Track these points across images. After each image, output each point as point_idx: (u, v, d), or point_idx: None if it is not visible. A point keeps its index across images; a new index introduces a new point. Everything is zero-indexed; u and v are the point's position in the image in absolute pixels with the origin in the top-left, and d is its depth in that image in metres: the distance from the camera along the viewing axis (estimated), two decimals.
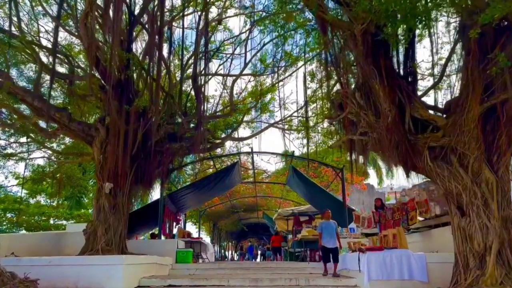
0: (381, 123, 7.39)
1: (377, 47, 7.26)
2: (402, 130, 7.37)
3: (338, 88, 9.22)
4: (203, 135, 14.02)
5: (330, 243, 10.53)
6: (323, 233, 10.61)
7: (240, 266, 13.94)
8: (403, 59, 8.56)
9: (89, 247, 11.81)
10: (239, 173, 19.18)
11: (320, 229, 10.77)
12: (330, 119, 9.77)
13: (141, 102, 11.48)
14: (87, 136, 12.64)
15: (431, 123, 7.69)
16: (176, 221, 18.90)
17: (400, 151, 7.32)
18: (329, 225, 10.68)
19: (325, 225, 10.70)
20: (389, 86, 7.10)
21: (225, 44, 17.07)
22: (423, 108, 7.77)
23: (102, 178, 12.33)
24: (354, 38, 7.18)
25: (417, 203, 10.68)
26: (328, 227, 10.65)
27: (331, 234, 10.52)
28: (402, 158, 7.45)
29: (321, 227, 10.75)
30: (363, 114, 8.29)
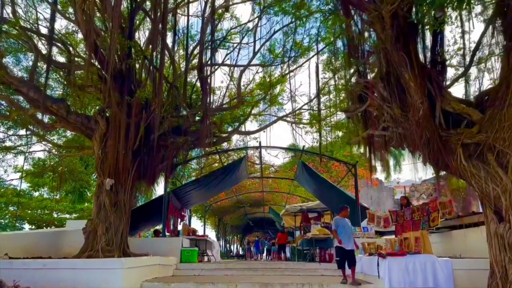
0: (411, 117, 6.60)
1: (406, 32, 6.44)
2: (433, 125, 6.56)
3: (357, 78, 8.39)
4: (209, 128, 13.26)
5: (347, 244, 8.96)
6: (338, 231, 9.01)
7: (248, 267, 13.26)
8: (431, 46, 7.73)
9: (88, 246, 11.17)
10: (246, 168, 18.45)
11: (335, 226, 9.09)
12: (347, 112, 8.95)
13: (143, 93, 10.72)
14: (87, 129, 11.93)
15: (465, 118, 6.90)
16: (181, 217, 18.23)
17: (431, 148, 6.52)
18: (346, 223, 9.19)
19: (341, 222, 9.15)
20: (420, 75, 6.28)
21: (232, 33, 16.26)
22: (455, 101, 6.95)
23: (102, 174, 11.65)
24: (381, 20, 6.38)
25: (440, 204, 9.88)
26: (344, 225, 9.12)
27: (349, 234, 9.05)
28: (433, 157, 6.65)
29: (336, 223, 9.13)
30: (387, 107, 7.51)
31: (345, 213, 9.39)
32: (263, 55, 15.93)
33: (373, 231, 14.15)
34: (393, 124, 7.45)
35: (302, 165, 16.82)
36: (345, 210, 9.46)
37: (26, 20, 13.68)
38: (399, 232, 11.55)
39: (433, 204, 10.15)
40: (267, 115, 17.35)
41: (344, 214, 9.39)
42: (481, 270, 7.90)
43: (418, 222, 10.75)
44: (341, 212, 9.48)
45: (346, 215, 9.40)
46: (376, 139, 8.86)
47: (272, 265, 13.64)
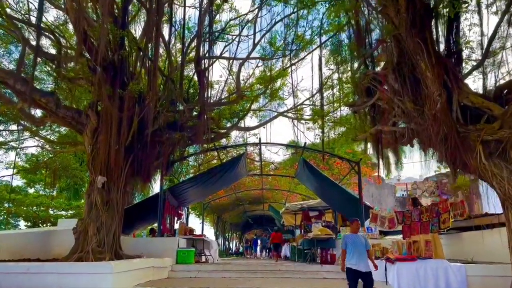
0: (426, 110, 5.99)
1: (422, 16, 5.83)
2: (451, 120, 5.96)
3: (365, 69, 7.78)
4: (207, 124, 12.66)
5: (359, 264, 7.09)
6: (348, 250, 7.25)
7: (247, 269, 12.69)
8: (445, 35, 7.11)
9: (78, 248, 10.57)
10: (245, 165, 17.84)
11: (344, 245, 7.37)
12: (353, 107, 8.34)
13: (136, 86, 10.10)
14: (78, 124, 11.33)
15: (484, 112, 6.29)
16: (178, 216, 17.64)
17: (449, 145, 5.92)
18: (357, 240, 7.33)
19: (351, 240, 7.34)
20: (438, 64, 5.67)
21: (231, 25, 15.61)
22: (473, 94, 6.34)
23: (94, 171, 11.06)
24: (395, 3, 5.77)
25: (451, 205, 9.29)
26: (355, 242, 7.28)
27: (360, 252, 7.16)
28: (450, 155, 6.05)
29: (345, 242, 7.36)
30: (398, 100, 6.91)
31: (355, 228, 7.69)
32: (263, 48, 15.31)
33: (377, 231, 13.59)
34: (405, 119, 6.86)
35: (303, 162, 16.23)
36: (355, 223, 7.72)
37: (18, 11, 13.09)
38: (407, 234, 10.98)
39: (444, 205, 9.56)
40: (267, 111, 16.77)
41: (354, 228, 7.68)
42: (498, 276, 7.35)
43: (426, 223, 10.17)
44: (351, 226, 7.86)
45: (357, 230, 7.72)
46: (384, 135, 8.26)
47: (271, 267, 13.07)
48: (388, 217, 12.03)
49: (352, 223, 7.77)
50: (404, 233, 11.34)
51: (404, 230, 11.30)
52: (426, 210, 10.30)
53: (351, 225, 7.84)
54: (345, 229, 14.21)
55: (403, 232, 11.39)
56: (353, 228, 7.69)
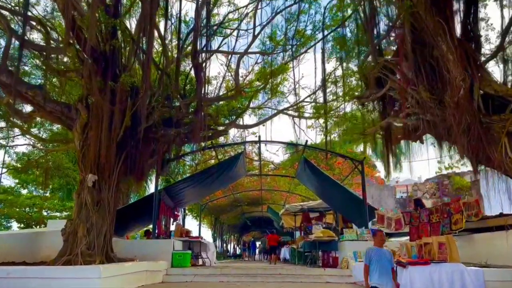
0: (447, 98, 5.41)
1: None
2: (474, 109, 5.37)
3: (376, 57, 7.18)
4: (204, 120, 12.06)
5: (386, 283, 6.11)
6: (372, 267, 6.25)
7: (246, 272, 12.08)
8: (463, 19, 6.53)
9: (67, 250, 9.94)
10: (244, 164, 17.23)
11: (367, 260, 6.33)
12: (361, 99, 7.75)
13: (129, 78, 9.47)
14: (67, 119, 10.70)
15: (509, 102, 5.70)
16: (174, 217, 17.01)
17: (471, 137, 5.33)
18: (383, 255, 6.28)
19: (376, 254, 6.28)
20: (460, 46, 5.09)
21: (230, 19, 15.01)
22: (496, 82, 5.76)
23: (84, 169, 10.45)
24: None
25: (464, 204, 8.66)
26: (380, 257, 6.24)
27: (386, 270, 6.16)
28: (472, 147, 5.47)
29: (369, 257, 6.32)
30: (412, 90, 6.32)
31: (380, 240, 6.57)
32: (263, 43, 14.73)
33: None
34: (420, 110, 6.28)
35: (304, 162, 15.63)
36: (379, 235, 6.60)
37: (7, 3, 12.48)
38: (414, 235, 10.38)
39: (456, 205, 8.95)
40: (267, 109, 16.19)
41: (379, 241, 6.56)
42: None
43: (436, 224, 9.57)
44: (375, 239, 6.70)
45: (382, 242, 6.60)
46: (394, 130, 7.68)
47: (271, 270, 12.46)
48: (395, 218, 11.42)
49: (376, 235, 6.68)
50: (411, 235, 10.74)
51: (412, 231, 10.69)
52: (436, 210, 9.69)
53: (374, 237, 6.76)
54: (348, 231, 13.62)
55: (411, 233, 10.79)
56: (377, 241, 6.58)
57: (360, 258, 12.17)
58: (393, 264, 6.39)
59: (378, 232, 6.73)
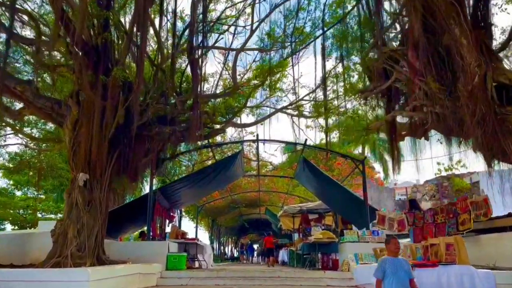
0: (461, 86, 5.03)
1: None
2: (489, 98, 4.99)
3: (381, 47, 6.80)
4: (200, 118, 11.66)
5: None
6: (386, 281, 5.40)
7: (244, 275, 11.64)
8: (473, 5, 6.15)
9: (57, 252, 9.53)
10: (241, 164, 16.83)
11: (380, 273, 5.47)
12: (364, 93, 7.37)
13: (121, 72, 9.07)
14: (58, 116, 10.31)
15: None
16: (169, 218, 16.58)
17: (486, 129, 4.95)
18: (399, 266, 5.47)
19: (391, 266, 5.44)
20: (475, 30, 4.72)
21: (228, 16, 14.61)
22: (510, 71, 5.39)
23: (75, 167, 10.04)
24: None
25: (472, 204, 8.29)
26: (396, 269, 5.42)
27: (404, 283, 5.39)
28: (486, 140, 5.08)
29: (382, 270, 5.46)
30: (419, 81, 5.93)
31: (394, 248, 5.68)
32: (261, 40, 14.36)
33: (384, 235, 12.60)
34: (428, 102, 5.89)
35: (304, 161, 15.24)
36: (393, 243, 5.72)
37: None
38: (418, 237, 10.01)
39: (462, 204, 8.58)
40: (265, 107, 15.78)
41: (393, 249, 5.67)
42: None
43: (442, 225, 9.21)
44: (388, 247, 5.81)
45: (397, 251, 5.71)
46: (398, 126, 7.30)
47: (269, 273, 12.02)
48: (397, 219, 11.05)
49: (389, 243, 5.76)
50: (415, 236, 10.37)
51: (416, 232, 10.32)
52: (442, 210, 9.32)
53: (387, 245, 5.84)
54: (348, 232, 13.22)
55: (414, 235, 10.42)
56: (391, 249, 5.68)
57: (361, 260, 11.79)
58: (411, 274, 5.55)
59: (392, 239, 5.79)
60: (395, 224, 11.18)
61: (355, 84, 8.70)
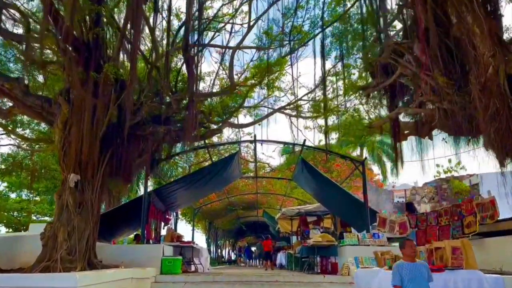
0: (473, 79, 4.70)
1: None
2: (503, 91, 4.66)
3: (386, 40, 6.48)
4: (196, 117, 11.32)
5: None
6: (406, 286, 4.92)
7: (240, 279, 11.27)
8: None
9: (46, 256, 9.17)
10: (239, 165, 16.48)
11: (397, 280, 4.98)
12: (366, 89, 7.04)
13: (112, 68, 8.72)
14: (48, 115, 9.95)
15: None
16: (165, 221, 16.21)
17: (500, 125, 4.63)
18: (417, 272, 4.96)
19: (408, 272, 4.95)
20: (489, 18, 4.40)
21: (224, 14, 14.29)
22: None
23: (65, 168, 9.69)
24: None
25: (478, 205, 7.96)
26: (415, 275, 4.93)
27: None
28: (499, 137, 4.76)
29: (398, 276, 4.98)
30: (426, 75, 5.60)
31: (411, 251, 5.14)
32: (259, 38, 14.03)
33: (385, 238, 12.27)
34: (435, 97, 5.56)
35: (302, 163, 14.90)
36: (409, 245, 5.18)
37: None
38: (421, 239, 9.66)
39: (468, 206, 8.24)
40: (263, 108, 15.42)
41: (409, 253, 5.14)
42: None
43: (446, 228, 8.86)
44: (404, 251, 5.25)
45: (413, 255, 5.16)
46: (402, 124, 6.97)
47: (267, 277, 11.66)
48: (399, 221, 10.69)
49: (405, 246, 5.17)
50: (418, 239, 10.00)
51: (418, 235, 9.96)
52: (446, 212, 8.97)
53: (403, 249, 5.24)
54: (348, 235, 12.87)
55: (417, 237, 10.06)
56: (407, 253, 5.11)
57: (362, 264, 11.45)
58: (431, 278, 5.05)
59: (407, 242, 5.19)
60: (396, 226, 10.83)
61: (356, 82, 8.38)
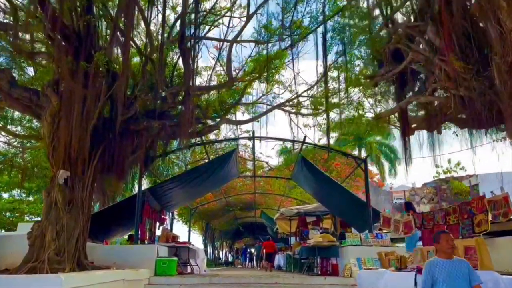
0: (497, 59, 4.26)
1: None
2: None
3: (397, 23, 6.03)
4: (192, 112, 10.84)
5: None
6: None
7: (238, 281, 10.81)
8: None
9: (33, 256, 8.68)
10: (236, 163, 16.01)
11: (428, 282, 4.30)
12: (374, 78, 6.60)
13: (102, 57, 8.24)
14: (37, 107, 9.47)
15: None
16: (160, 221, 15.72)
17: None
18: (454, 271, 4.20)
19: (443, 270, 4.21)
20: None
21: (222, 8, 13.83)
22: None
23: (54, 164, 9.22)
24: None
25: (490, 203, 7.49)
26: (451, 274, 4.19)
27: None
28: None
29: (430, 276, 4.27)
30: (440, 60, 5.16)
31: (448, 247, 4.34)
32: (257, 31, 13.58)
33: (389, 238, 11.85)
34: (451, 84, 5.11)
35: (302, 161, 14.44)
36: (444, 239, 4.38)
37: None
38: (428, 239, 9.21)
39: (479, 204, 7.78)
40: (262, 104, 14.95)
41: (447, 248, 4.35)
42: None
43: (455, 226, 8.40)
44: (437, 246, 4.51)
45: (451, 250, 4.37)
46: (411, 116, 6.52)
47: (266, 279, 11.20)
48: (404, 220, 10.24)
49: (439, 240, 4.36)
50: (424, 239, 9.58)
51: (425, 235, 9.51)
52: (454, 210, 8.52)
53: (437, 244, 4.42)
54: (351, 235, 12.45)
55: (423, 237, 9.63)
56: (443, 249, 4.30)
57: (364, 265, 11.03)
58: (477, 279, 4.25)
59: (443, 235, 4.38)
60: (401, 226, 10.38)
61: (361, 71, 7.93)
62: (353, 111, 8.87)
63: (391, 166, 39.13)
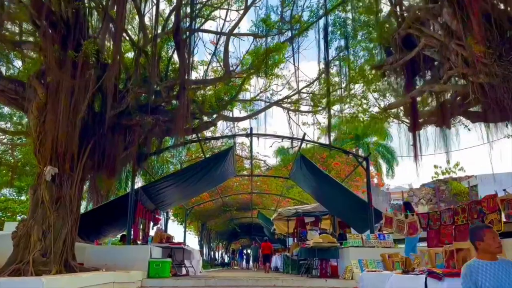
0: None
1: None
2: None
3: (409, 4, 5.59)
4: (188, 106, 10.37)
5: None
6: None
7: (235, 284, 10.33)
8: None
9: (17, 257, 8.19)
10: (233, 162, 15.53)
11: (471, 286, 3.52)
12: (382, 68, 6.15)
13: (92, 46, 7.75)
14: (23, 100, 8.95)
15: None
16: (154, 221, 15.21)
17: None
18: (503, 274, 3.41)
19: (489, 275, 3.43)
20: None
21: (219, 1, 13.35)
22: None
23: (41, 160, 8.74)
24: None
25: (503, 201, 7.06)
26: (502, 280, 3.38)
27: None
28: None
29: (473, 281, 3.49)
30: (456, 45, 4.71)
31: (494, 245, 3.57)
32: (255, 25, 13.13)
33: (391, 239, 11.41)
34: (469, 70, 4.67)
35: (301, 159, 13.98)
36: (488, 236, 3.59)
37: None
38: (434, 240, 8.77)
39: (490, 203, 7.33)
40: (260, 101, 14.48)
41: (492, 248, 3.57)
42: None
43: (463, 227, 7.95)
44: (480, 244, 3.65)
45: (497, 250, 3.60)
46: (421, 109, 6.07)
47: (264, 282, 10.73)
48: (409, 221, 9.81)
49: (484, 236, 3.58)
50: (429, 240, 9.11)
51: (430, 236, 9.05)
52: (463, 210, 8.07)
53: (481, 241, 3.61)
54: (352, 236, 12.01)
55: (429, 238, 9.17)
56: (488, 248, 3.56)
57: (366, 267, 10.59)
58: None
59: (486, 231, 3.61)
60: (405, 226, 9.94)
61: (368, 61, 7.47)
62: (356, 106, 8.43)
63: (389, 166, 38.89)
